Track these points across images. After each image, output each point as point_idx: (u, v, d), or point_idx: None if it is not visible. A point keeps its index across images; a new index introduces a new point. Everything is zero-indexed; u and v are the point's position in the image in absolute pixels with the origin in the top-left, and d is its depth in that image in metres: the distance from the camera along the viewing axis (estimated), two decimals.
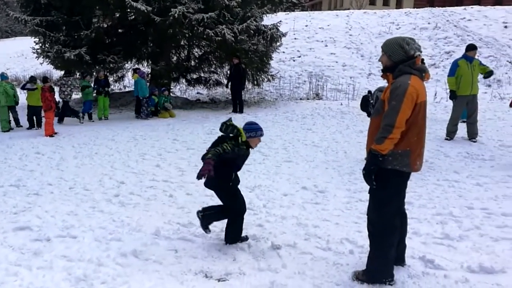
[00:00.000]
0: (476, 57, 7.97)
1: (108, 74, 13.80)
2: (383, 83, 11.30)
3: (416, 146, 2.89)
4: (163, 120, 11.12)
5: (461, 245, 3.75)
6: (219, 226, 4.15)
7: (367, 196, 4.96)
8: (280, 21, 14.09)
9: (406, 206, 4.73)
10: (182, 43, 13.78)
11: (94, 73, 12.82)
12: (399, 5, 42.89)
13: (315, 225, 4.18)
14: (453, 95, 7.80)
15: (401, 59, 2.88)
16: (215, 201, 4.89)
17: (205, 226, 3.69)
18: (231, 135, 3.57)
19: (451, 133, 7.91)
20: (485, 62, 14.10)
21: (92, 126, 10.59)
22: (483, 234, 3.95)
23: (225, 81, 13.16)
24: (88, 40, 12.21)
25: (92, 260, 3.41)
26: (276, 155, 7.22)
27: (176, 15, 11.22)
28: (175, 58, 14.60)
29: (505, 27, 16.92)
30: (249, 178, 5.85)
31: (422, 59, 10.74)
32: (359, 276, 3.12)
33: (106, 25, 13.74)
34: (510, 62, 14.64)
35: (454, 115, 7.87)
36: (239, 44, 12.18)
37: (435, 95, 12.67)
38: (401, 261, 3.31)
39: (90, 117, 11.65)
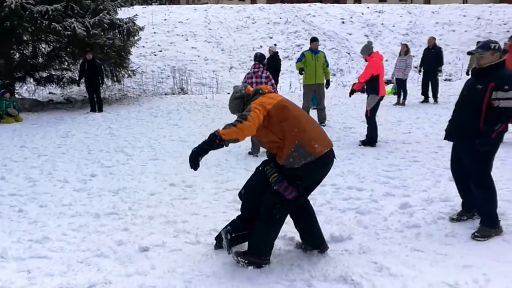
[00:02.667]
0: (321, 49, 8.85)
1: None
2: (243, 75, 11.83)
3: (302, 134, 3.02)
4: (7, 126, 9.75)
5: None
6: (78, 234, 3.86)
7: (233, 185, 5.21)
8: (136, 15, 13.55)
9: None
10: (25, 38, 12.23)
11: None
12: (253, 0, 44.99)
13: (184, 221, 4.18)
14: (302, 71, 8.48)
15: (242, 105, 3.23)
16: (74, 209, 4.53)
17: None
18: None
19: None
20: (328, 54, 15.77)
21: None
22: (333, 208, 4.45)
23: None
24: None
25: None
26: (141, 153, 6.98)
27: (12, 6, 9.92)
28: (18, 55, 12.89)
29: (343, 22, 19.15)
30: (112, 181, 5.55)
31: (277, 52, 11.47)
32: (240, 256, 3.22)
33: None
34: (349, 53, 16.65)
35: (304, 103, 8.66)
36: (92, 39, 11.36)
37: (290, 85, 13.74)
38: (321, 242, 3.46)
39: None
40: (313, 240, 3.44)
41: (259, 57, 6.64)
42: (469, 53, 3.86)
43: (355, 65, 15.88)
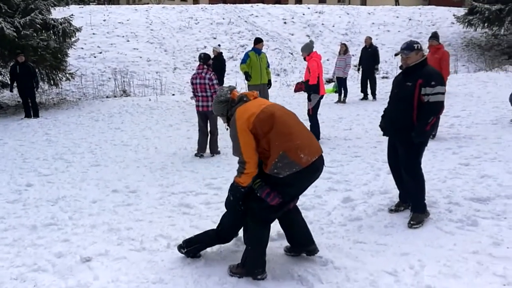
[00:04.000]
0: (265, 50, 8.94)
1: None
2: (189, 75, 11.75)
3: (287, 144, 2.89)
4: None
5: None
6: (12, 249, 3.62)
7: (179, 189, 5.14)
8: (73, 15, 12.93)
9: (216, 192, 5.07)
10: None
11: None
12: (195, 0, 44.60)
13: (128, 228, 4.07)
14: (248, 76, 8.54)
15: (226, 109, 3.17)
16: (7, 223, 4.24)
17: None
18: None
19: None
20: (272, 54, 16.03)
21: None
22: None
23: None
24: None
25: None
26: (82, 160, 6.69)
27: None
28: None
29: (285, 23, 19.50)
30: (50, 190, 5.27)
31: (221, 52, 11.39)
32: (233, 270, 3.15)
33: None
34: (291, 54, 16.99)
35: None
36: (24, 40, 10.71)
37: (236, 85, 13.76)
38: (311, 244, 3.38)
39: None
40: (295, 242, 3.33)
41: (203, 58, 6.59)
42: (396, 54, 4.08)
43: (298, 65, 16.22)
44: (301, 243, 3.34)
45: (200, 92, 6.52)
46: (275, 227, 3.89)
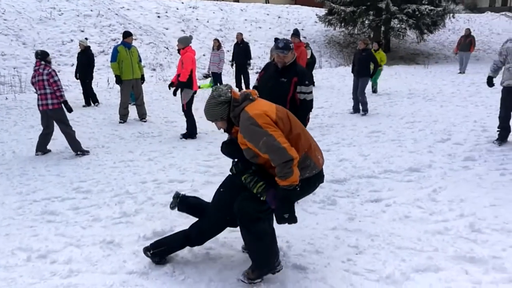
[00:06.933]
0: (139, 44, 8.61)
1: None
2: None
3: (307, 143, 2.73)
4: None
5: (137, 218, 4.09)
6: None
7: (43, 195, 4.70)
8: None
9: (85, 196, 4.78)
10: None
11: None
12: None
13: None
14: (118, 80, 8.22)
15: (227, 110, 2.76)
16: None
17: None
18: None
19: (123, 116, 8.39)
20: (146, 49, 15.53)
21: None
22: (154, 203, 4.43)
23: None
24: None
25: None
26: None
27: None
28: None
29: (158, 17, 19.01)
30: None
31: (88, 46, 10.57)
32: (250, 276, 2.88)
33: None
34: (167, 48, 16.67)
35: (123, 99, 8.35)
36: None
37: (108, 81, 13.01)
38: None
39: None
40: None
41: (40, 54, 6.24)
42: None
43: (174, 59, 15.96)
44: None
45: (39, 90, 6.13)
46: (155, 224, 3.80)
